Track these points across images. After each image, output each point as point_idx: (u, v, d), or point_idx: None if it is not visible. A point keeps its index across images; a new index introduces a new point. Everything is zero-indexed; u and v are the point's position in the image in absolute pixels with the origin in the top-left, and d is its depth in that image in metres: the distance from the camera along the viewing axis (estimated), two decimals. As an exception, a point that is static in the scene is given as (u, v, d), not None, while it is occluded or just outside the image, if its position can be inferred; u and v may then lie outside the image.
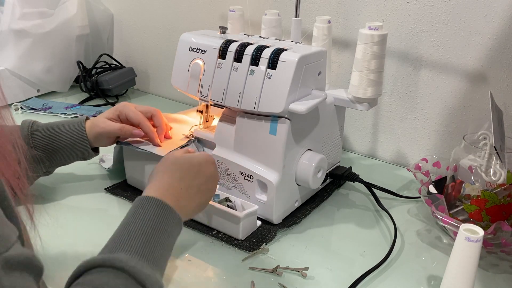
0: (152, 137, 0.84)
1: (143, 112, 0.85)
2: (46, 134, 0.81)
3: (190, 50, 0.82)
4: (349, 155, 1.11)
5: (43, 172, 0.83)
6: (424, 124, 1.01)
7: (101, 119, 0.84)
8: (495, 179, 0.76)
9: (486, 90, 0.91)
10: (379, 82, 0.83)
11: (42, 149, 0.80)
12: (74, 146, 0.82)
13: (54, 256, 0.72)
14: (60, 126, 0.83)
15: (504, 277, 0.70)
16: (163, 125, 0.86)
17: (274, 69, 0.73)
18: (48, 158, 0.81)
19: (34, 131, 0.81)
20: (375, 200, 0.87)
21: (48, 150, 0.81)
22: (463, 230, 0.59)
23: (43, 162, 0.81)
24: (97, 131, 0.82)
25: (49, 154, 0.81)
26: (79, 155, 0.84)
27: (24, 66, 1.30)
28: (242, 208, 0.79)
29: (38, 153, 0.80)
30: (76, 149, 0.83)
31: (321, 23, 0.90)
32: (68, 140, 0.82)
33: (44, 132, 0.81)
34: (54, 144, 0.81)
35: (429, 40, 0.95)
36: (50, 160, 0.82)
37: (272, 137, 0.75)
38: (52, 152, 0.81)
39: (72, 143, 0.82)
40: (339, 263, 0.72)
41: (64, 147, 0.82)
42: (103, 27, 1.51)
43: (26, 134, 0.80)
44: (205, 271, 0.69)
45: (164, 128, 0.86)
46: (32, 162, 0.79)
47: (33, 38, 1.28)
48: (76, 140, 0.82)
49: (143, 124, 0.83)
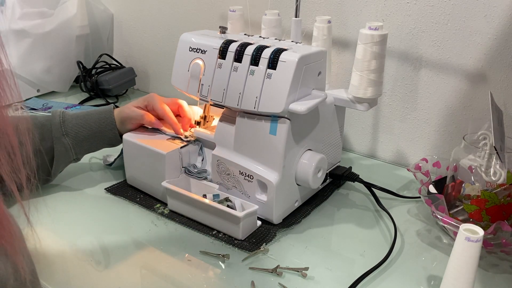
0: (176, 128, 0.88)
1: (169, 104, 0.90)
2: (76, 123, 0.86)
3: (190, 50, 0.82)
4: (349, 155, 1.11)
5: (72, 159, 0.88)
6: (424, 124, 1.01)
7: (128, 106, 0.89)
8: (495, 179, 0.76)
9: (486, 90, 0.91)
10: (379, 82, 0.83)
11: (73, 137, 0.86)
12: (103, 133, 0.88)
13: (54, 255, 0.72)
14: (90, 114, 0.88)
15: (504, 277, 0.70)
16: (187, 115, 0.90)
17: (274, 69, 0.73)
18: (78, 145, 0.87)
19: (65, 120, 0.86)
20: (375, 200, 0.87)
21: (79, 137, 0.86)
22: (463, 230, 0.59)
23: (73, 149, 0.86)
24: (122, 116, 0.88)
25: (79, 142, 0.86)
26: (107, 142, 0.89)
27: (24, 66, 1.30)
28: (242, 208, 0.79)
29: (69, 141, 0.85)
30: (105, 136, 0.88)
31: (321, 23, 0.90)
32: (97, 128, 0.87)
33: (75, 121, 0.86)
34: (84, 132, 0.86)
35: (429, 40, 0.95)
36: (80, 147, 0.87)
37: (272, 137, 0.75)
38: (82, 140, 0.87)
39: (101, 131, 0.88)
40: (339, 263, 0.72)
41: (93, 135, 0.87)
42: (103, 27, 1.51)
43: (58, 122, 0.85)
44: (205, 271, 0.69)
45: (188, 119, 0.90)
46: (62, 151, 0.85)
47: (33, 38, 1.28)
48: (105, 128, 0.88)
49: (167, 117, 0.87)
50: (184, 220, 0.81)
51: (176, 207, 0.82)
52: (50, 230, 0.78)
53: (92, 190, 0.90)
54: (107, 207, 0.85)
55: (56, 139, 0.84)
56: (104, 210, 0.84)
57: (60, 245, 0.74)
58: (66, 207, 0.85)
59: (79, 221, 0.81)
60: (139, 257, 0.72)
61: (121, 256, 0.72)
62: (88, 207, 0.85)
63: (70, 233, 0.77)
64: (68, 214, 0.83)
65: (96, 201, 0.87)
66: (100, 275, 0.68)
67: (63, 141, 0.85)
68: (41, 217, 0.81)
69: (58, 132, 0.84)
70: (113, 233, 0.78)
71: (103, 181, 0.93)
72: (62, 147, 0.85)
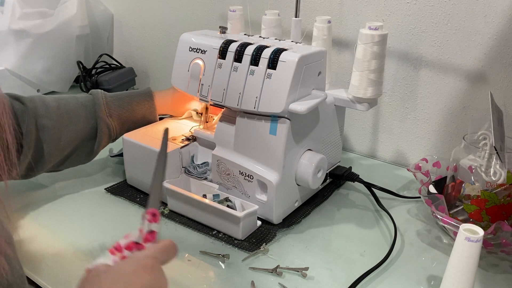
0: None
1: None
2: (119, 104, 0.89)
3: (190, 50, 0.82)
4: (349, 155, 1.11)
5: (111, 140, 0.90)
6: (424, 124, 1.01)
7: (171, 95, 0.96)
8: (495, 179, 0.76)
9: (486, 90, 0.91)
10: (379, 82, 0.83)
11: (117, 118, 0.89)
12: (145, 117, 0.92)
13: (53, 255, 0.72)
14: (131, 97, 0.91)
15: (504, 277, 0.70)
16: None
17: (274, 69, 0.73)
18: (120, 126, 0.89)
19: (108, 101, 0.88)
20: (375, 200, 0.87)
21: (122, 119, 0.89)
22: (463, 230, 0.59)
23: (115, 129, 0.89)
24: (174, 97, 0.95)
25: (122, 123, 0.89)
26: (147, 123, 0.92)
27: (24, 66, 1.30)
28: (242, 208, 0.79)
29: (113, 122, 0.88)
30: (146, 119, 0.92)
31: (321, 23, 0.90)
32: (140, 110, 0.91)
33: (117, 102, 0.89)
34: (127, 114, 0.90)
35: (429, 40, 0.95)
36: (121, 128, 0.90)
37: (272, 137, 0.75)
38: (124, 121, 0.90)
39: (144, 115, 0.92)
40: (339, 263, 0.72)
41: (135, 117, 0.91)
42: (103, 27, 1.51)
43: (101, 103, 0.87)
44: (205, 271, 0.69)
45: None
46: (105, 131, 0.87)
47: (33, 38, 1.28)
48: (146, 111, 0.92)
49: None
50: (184, 220, 0.81)
51: (176, 207, 0.82)
52: (50, 230, 0.78)
53: (92, 190, 0.90)
54: (107, 207, 0.85)
55: (100, 119, 0.86)
56: (104, 210, 0.84)
57: (60, 245, 0.74)
58: (66, 207, 0.85)
59: (79, 221, 0.81)
60: (139, 257, 0.72)
61: (121, 256, 0.72)
62: (88, 207, 0.85)
63: (70, 233, 0.77)
64: (68, 214, 0.83)
65: (96, 201, 0.87)
66: (100, 275, 0.68)
67: (107, 122, 0.87)
68: (41, 217, 0.81)
69: (103, 113, 0.86)
70: (113, 233, 0.78)
71: (103, 181, 0.93)
72: (106, 127, 0.87)
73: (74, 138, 0.84)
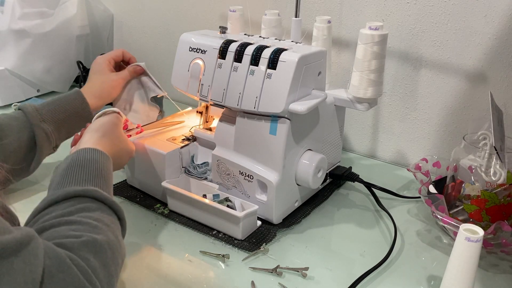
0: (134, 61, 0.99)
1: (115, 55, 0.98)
2: (50, 108, 0.87)
3: (190, 50, 0.82)
4: (349, 155, 1.11)
5: (52, 148, 0.87)
6: (424, 124, 1.01)
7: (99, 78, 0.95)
8: (495, 179, 0.76)
9: (486, 90, 0.91)
10: (379, 82, 0.83)
11: (51, 121, 0.86)
12: (79, 113, 0.89)
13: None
14: (60, 99, 0.89)
15: (504, 277, 0.70)
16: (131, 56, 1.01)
17: (274, 69, 0.73)
18: (58, 130, 0.86)
19: (38, 108, 0.85)
20: (375, 200, 0.87)
21: (57, 122, 0.86)
22: (463, 230, 0.59)
23: (53, 134, 0.86)
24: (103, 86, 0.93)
25: (58, 126, 0.86)
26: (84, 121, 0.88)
27: (24, 66, 1.30)
28: (242, 208, 0.79)
29: (49, 126, 0.85)
30: (81, 116, 0.89)
31: (321, 23, 0.90)
32: (72, 109, 0.89)
33: (48, 107, 0.86)
34: (60, 115, 0.87)
35: (429, 40, 0.95)
36: (59, 132, 0.87)
37: (272, 137, 0.75)
38: (60, 124, 0.87)
39: (77, 111, 0.89)
40: (339, 263, 0.72)
41: (69, 116, 0.88)
42: (103, 27, 1.51)
43: (32, 111, 0.84)
44: (205, 271, 0.69)
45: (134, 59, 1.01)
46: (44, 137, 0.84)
47: (33, 38, 1.28)
48: (79, 107, 0.89)
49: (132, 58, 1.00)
50: (184, 220, 0.81)
51: (176, 207, 0.82)
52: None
53: (92, 190, 0.90)
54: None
55: (35, 126, 0.83)
56: (104, 210, 0.84)
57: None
58: (66, 207, 0.85)
59: (79, 221, 0.81)
60: (139, 257, 0.72)
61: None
62: (88, 207, 0.85)
63: (70, 233, 0.77)
64: (68, 214, 0.83)
65: (96, 201, 0.87)
66: (100, 275, 0.68)
67: (43, 127, 0.84)
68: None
69: (36, 119, 0.83)
70: (113, 233, 0.78)
71: (103, 181, 0.93)
72: (43, 132, 0.84)
73: (12, 151, 0.81)
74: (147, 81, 0.97)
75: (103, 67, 0.95)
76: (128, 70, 0.96)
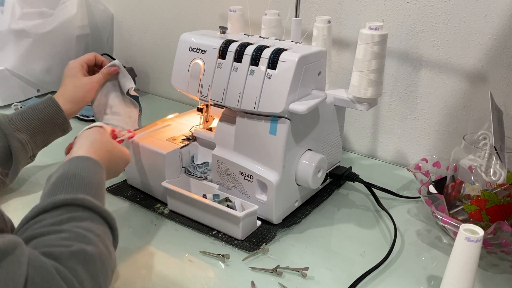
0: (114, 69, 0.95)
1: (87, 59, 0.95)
2: (23, 117, 0.84)
3: (190, 50, 0.82)
4: (349, 155, 1.11)
5: (29, 157, 0.85)
6: (424, 124, 1.01)
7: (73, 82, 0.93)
8: (495, 179, 0.76)
9: (486, 90, 0.91)
10: (379, 82, 0.83)
11: (25, 130, 0.83)
12: (53, 120, 0.87)
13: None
14: (33, 107, 0.87)
15: (504, 277, 0.70)
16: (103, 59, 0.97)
17: (274, 69, 0.73)
18: (33, 139, 0.84)
19: (10, 117, 0.83)
20: (375, 200, 0.87)
21: (31, 130, 0.84)
22: (463, 230, 0.59)
23: (29, 143, 0.83)
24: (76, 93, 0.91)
25: (33, 135, 0.84)
26: (59, 128, 0.88)
27: (24, 66, 1.30)
28: (242, 208, 0.79)
29: (23, 135, 0.83)
30: (56, 123, 0.87)
31: (321, 23, 0.90)
32: (46, 117, 0.86)
33: (21, 116, 0.84)
34: (34, 123, 0.84)
35: (429, 40, 0.95)
36: (34, 141, 0.85)
37: (272, 137, 0.75)
38: (35, 132, 0.84)
39: (51, 118, 0.86)
40: (339, 263, 0.72)
41: (44, 124, 0.86)
42: (103, 27, 1.51)
43: (4, 121, 0.82)
44: (205, 271, 0.69)
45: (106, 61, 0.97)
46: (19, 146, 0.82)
47: (33, 38, 1.28)
48: (53, 114, 0.87)
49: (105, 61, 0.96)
50: (184, 220, 0.81)
51: (176, 207, 0.82)
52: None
53: (92, 190, 0.90)
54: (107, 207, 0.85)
55: (10, 136, 0.81)
56: (104, 210, 0.84)
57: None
58: (66, 207, 0.85)
59: (79, 221, 0.81)
60: (139, 257, 0.72)
61: (121, 256, 0.72)
62: (88, 207, 0.85)
63: (70, 233, 0.77)
64: (68, 214, 0.83)
65: (96, 201, 0.87)
66: (100, 275, 0.68)
67: (17, 136, 0.82)
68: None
69: (9, 129, 0.81)
70: (113, 233, 0.78)
71: (103, 181, 0.93)
72: (18, 142, 0.82)
73: None
74: (121, 78, 0.95)
75: (76, 72, 0.93)
76: (102, 72, 0.94)
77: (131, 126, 0.93)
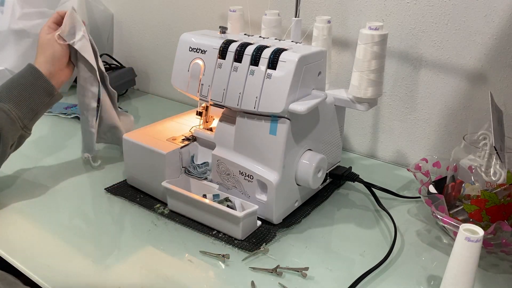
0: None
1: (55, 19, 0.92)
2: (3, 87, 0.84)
3: (190, 50, 0.82)
4: (349, 155, 1.11)
5: (19, 128, 0.83)
6: (424, 124, 1.01)
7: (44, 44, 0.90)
8: (495, 179, 0.76)
9: (486, 90, 0.91)
10: (379, 82, 0.83)
11: (7, 99, 0.82)
12: (35, 84, 0.85)
13: (53, 255, 0.72)
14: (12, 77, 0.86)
15: (504, 277, 0.70)
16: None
17: (274, 69, 0.73)
18: (18, 107, 0.83)
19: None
20: (375, 200, 0.87)
21: (13, 98, 0.83)
22: (463, 230, 0.59)
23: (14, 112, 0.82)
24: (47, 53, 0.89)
25: (17, 103, 0.83)
26: (44, 92, 0.86)
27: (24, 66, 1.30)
28: (242, 208, 0.79)
29: (6, 104, 0.81)
30: (39, 86, 0.86)
31: (321, 23, 0.90)
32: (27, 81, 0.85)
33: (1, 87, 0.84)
34: (15, 91, 0.83)
35: (429, 40, 0.95)
36: (20, 109, 0.83)
37: (272, 137, 0.75)
38: (18, 100, 0.83)
39: (32, 83, 0.85)
40: (339, 263, 0.72)
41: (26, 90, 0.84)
42: (103, 27, 1.51)
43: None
44: (205, 271, 0.69)
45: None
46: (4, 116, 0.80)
47: (33, 38, 1.28)
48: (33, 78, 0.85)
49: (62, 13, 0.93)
50: (184, 220, 0.81)
51: (176, 207, 0.82)
52: (50, 229, 0.78)
53: (92, 190, 0.90)
54: (107, 207, 0.85)
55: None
56: (104, 210, 0.84)
57: (59, 245, 0.74)
58: (66, 207, 0.85)
59: (79, 221, 0.81)
60: (139, 257, 0.72)
61: (121, 256, 0.72)
62: (88, 207, 0.85)
63: (70, 233, 0.77)
64: (68, 214, 0.83)
65: (96, 201, 0.87)
66: (100, 275, 0.68)
67: (0, 107, 0.80)
68: (40, 216, 0.81)
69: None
70: (113, 233, 0.78)
71: (103, 181, 0.93)
72: (2, 113, 0.80)
73: None
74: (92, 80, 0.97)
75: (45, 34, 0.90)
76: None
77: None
